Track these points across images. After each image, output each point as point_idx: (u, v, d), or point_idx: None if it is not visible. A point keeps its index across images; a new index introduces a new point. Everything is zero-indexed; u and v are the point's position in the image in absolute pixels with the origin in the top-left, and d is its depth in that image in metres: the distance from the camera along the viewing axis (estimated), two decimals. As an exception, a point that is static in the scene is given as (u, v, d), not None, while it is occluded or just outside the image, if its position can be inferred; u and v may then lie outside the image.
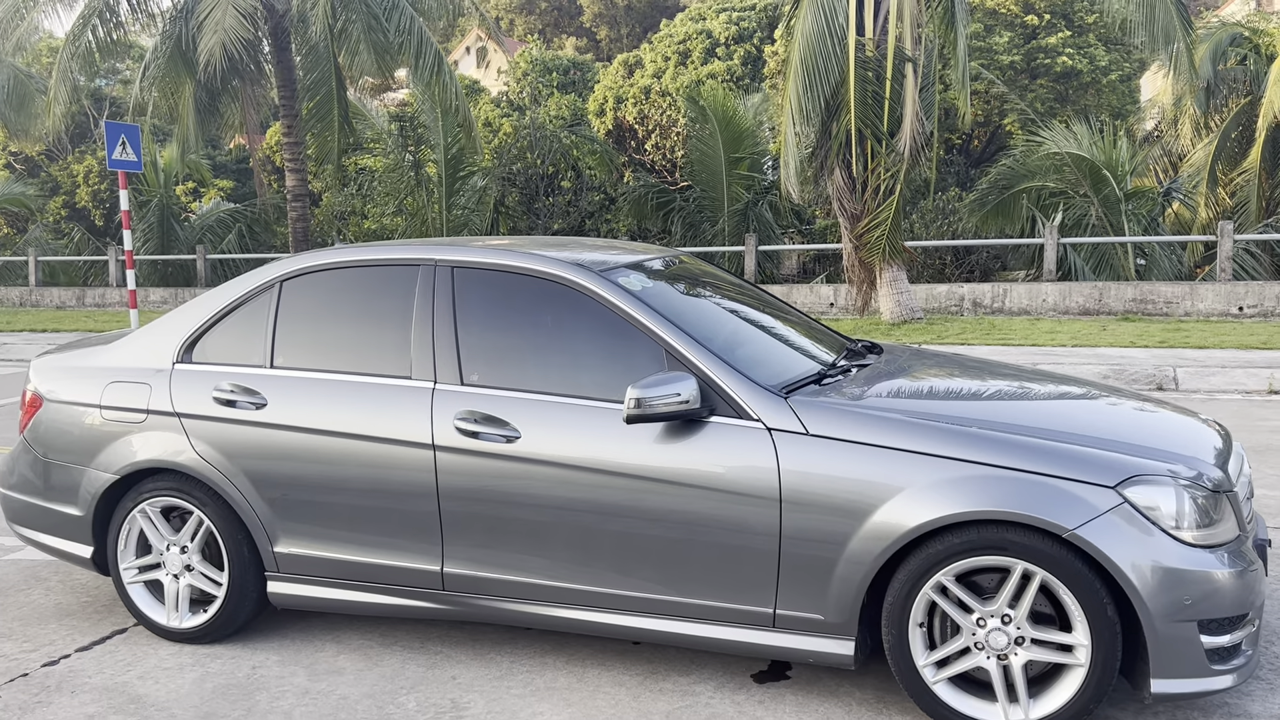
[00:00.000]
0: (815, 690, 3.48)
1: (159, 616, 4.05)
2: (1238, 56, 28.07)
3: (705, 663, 3.71)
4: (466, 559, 3.62)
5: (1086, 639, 2.98)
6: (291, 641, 4.02)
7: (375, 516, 3.71)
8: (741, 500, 3.27)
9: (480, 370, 3.65)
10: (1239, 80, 28.03)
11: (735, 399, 3.34)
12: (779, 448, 3.25)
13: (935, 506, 3.06)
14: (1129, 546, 2.93)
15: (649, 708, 3.40)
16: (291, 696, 3.56)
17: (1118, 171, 17.98)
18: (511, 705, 3.44)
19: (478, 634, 4.02)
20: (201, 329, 4.07)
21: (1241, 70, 27.94)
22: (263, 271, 4.09)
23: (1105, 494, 2.99)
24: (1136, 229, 17.54)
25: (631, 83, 29.66)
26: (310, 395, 3.80)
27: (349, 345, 3.90)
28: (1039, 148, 18.70)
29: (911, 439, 3.17)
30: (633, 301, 3.55)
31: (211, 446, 3.88)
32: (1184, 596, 2.92)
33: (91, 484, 4.06)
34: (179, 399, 3.96)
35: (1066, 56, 27.25)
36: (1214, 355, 9.76)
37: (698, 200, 19.75)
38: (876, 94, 12.14)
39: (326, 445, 3.74)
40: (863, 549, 3.14)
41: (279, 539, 3.85)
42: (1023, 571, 3.02)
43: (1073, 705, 3.01)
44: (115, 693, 3.62)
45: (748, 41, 31.34)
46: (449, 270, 3.78)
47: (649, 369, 3.46)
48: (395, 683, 3.64)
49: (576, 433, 3.47)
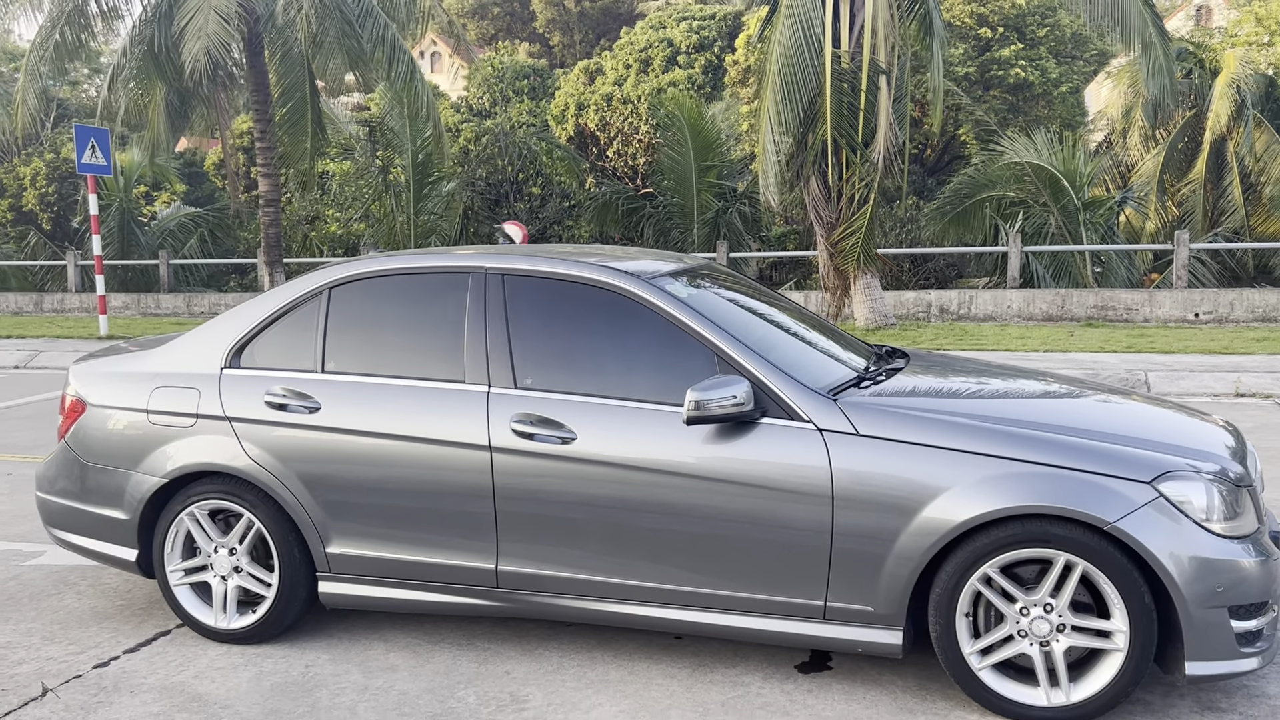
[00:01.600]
0: (859, 679, 3.65)
1: (206, 618, 4.11)
2: (1183, 70, 28.93)
3: (749, 655, 3.87)
4: (521, 557, 3.74)
5: (1125, 625, 3.18)
6: (339, 641, 4.10)
7: (430, 516, 3.82)
8: (795, 498, 3.43)
9: (533, 375, 3.78)
10: (1185, 93, 28.90)
11: (787, 401, 3.50)
12: (830, 448, 3.42)
13: (982, 502, 3.24)
14: (1165, 538, 3.14)
15: (703, 698, 3.54)
16: (352, 693, 3.65)
17: (1076, 181, 18.48)
18: (569, 698, 3.57)
19: (523, 630, 4.14)
20: (249, 335, 4.14)
21: (1187, 84, 28.79)
22: (311, 278, 4.18)
23: (1142, 489, 3.20)
24: (1094, 237, 18.05)
25: (593, 90, 29.82)
26: (364, 399, 3.90)
27: (401, 350, 4.00)
28: (999, 157, 19.18)
29: (957, 438, 3.35)
30: (682, 308, 3.71)
31: (263, 450, 3.96)
32: (1216, 584, 3.13)
33: (138, 488, 4.12)
34: (229, 403, 4.03)
35: (1019, 68, 27.88)
36: (1181, 360, 10.14)
37: (668, 207, 19.95)
38: (852, 105, 12.43)
39: (381, 448, 3.85)
40: (912, 544, 3.32)
41: (331, 540, 3.94)
42: (1065, 563, 3.21)
43: (1112, 688, 3.21)
44: (175, 692, 3.69)
45: (709, 50, 31.67)
46: (500, 277, 3.90)
47: (700, 372, 3.61)
48: (450, 678, 3.75)
49: (631, 434, 3.61)
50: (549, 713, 3.46)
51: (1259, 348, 10.83)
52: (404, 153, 21.08)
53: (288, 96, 15.71)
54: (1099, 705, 3.23)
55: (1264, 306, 14.38)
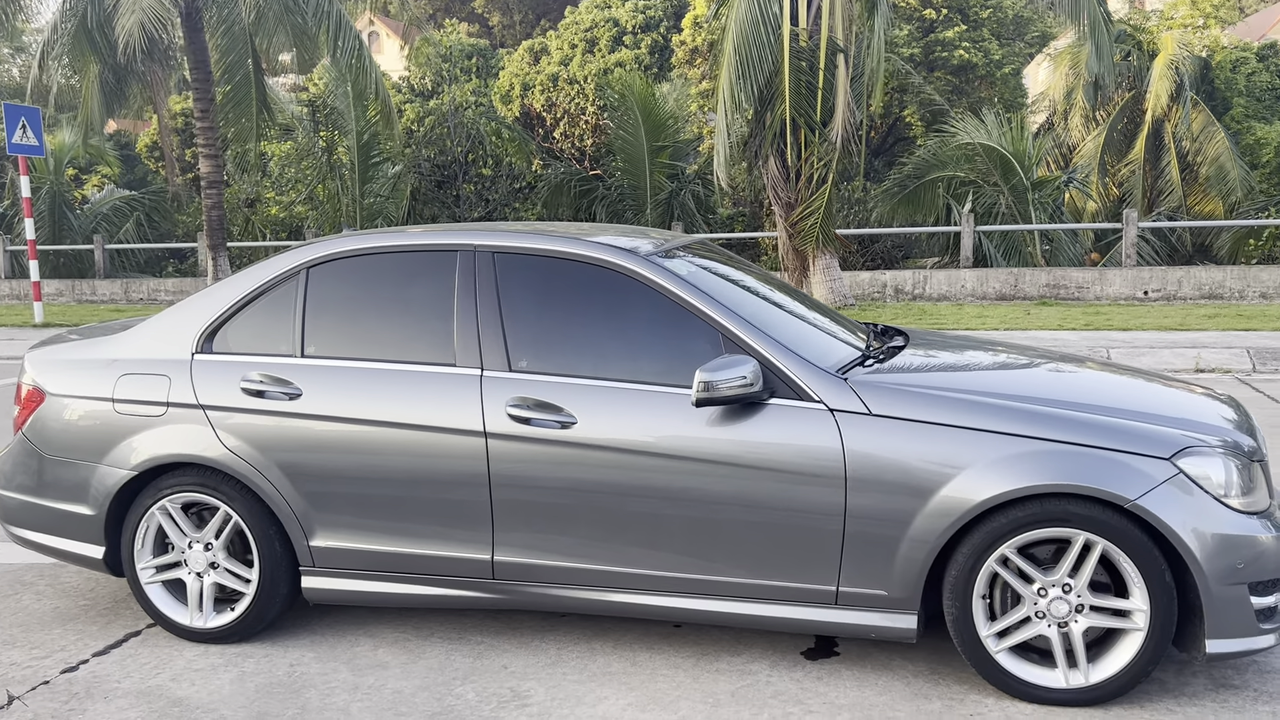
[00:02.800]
0: (868, 665, 3.57)
1: (181, 617, 3.90)
2: (1122, 52, 29.39)
3: (752, 642, 3.76)
4: (518, 546, 3.59)
5: (1145, 604, 3.12)
6: (322, 638, 3.92)
7: (421, 506, 3.65)
8: (806, 481, 3.32)
9: (528, 357, 3.62)
10: (1124, 75, 29.38)
11: (796, 381, 3.39)
12: (843, 429, 3.31)
13: (1001, 481, 3.16)
14: (1185, 515, 3.09)
15: (711, 688, 3.43)
16: (343, 693, 3.48)
17: (1025, 162, 18.66)
18: (573, 691, 3.44)
19: (517, 622, 3.99)
20: (221, 318, 3.92)
21: (1126, 66, 29.27)
22: (285, 259, 3.97)
23: (1161, 465, 3.14)
24: (1043, 217, 18.25)
25: (538, 70, 29.45)
26: (348, 385, 3.71)
27: (386, 333, 3.82)
28: (951, 138, 19.29)
29: (973, 417, 3.27)
30: (685, 286, 3.57)
31: (241, 439, 3.75)
32: (1236, 561, 3.09)
33: (104, 481, 3.89)
34: (203, 390, 3.82)
35: (963, 50, 28.07)
36: (1140, 336, 10.26)
37: (620, 188, 19.76)
38: (810, 83, 12.35)
39: (368, 435, 3.66)
40: (928, 526, 3.23)
41: (315, 532, 3.75)
42: (1084, 542, 3.15)
43: (1132, 668, 3.16)
44: (153, 696, 3.48)
45: (655, 30, 31.45)
46: (490, 256, 3.73)
47: (704, 353, 3.48)
48: (445, 674, 3.59)
49: (634, 417, 3.47)
50: (554, 708, 3.33)
51: (1211, 324, 11.00)
52: (349, 133, 20.62)
53: (231, 74, 15.20)
54: (1119, 685, 3.18)
55: (1210, 284, 14.64)
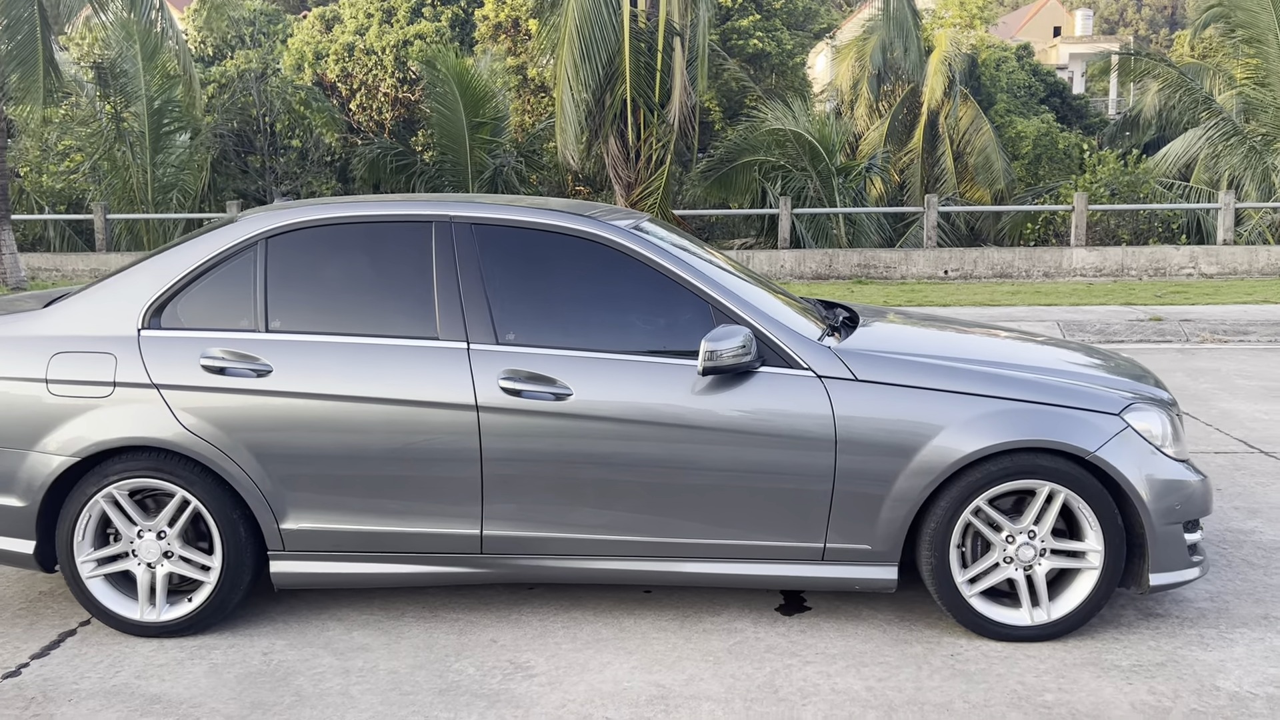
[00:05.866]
0: (842, 617, 3.79)
1: (129, 611, 3.65)
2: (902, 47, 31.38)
3: (727, 602, 3.91)
4: (508, 519, 3.58)
5: (1100, 546, 3.49)
6: (286, 624, 3.77)
7: (405, 482, 3.57)
8: (798, 445, 3.49)
9: (516, 330, 3.61)
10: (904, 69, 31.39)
11: (786, 350, 3.55)
12: (832, 394, 3.50)
13: (977, 439, 3.44)
14: (1134, 464, 3.47)
15: (706, 646, 3.56)
16: (335, 677, 3.38)
17: (830, 148, 19.66)
18: (574, 659, 3.48)
19: (488, 597, 3.97)
20: (168, 292, 3.68)
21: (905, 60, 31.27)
22: (234, 229, 3.75)
23: (1112, 420, 3.51)
24: (847, 201, 19.31)
25: (331, 38, 28.33)
26: (323, 360, 3.57)
27: (359, 307, 3.70)
28: (760, 124, 20.03)
29: (948, 380, 3.53)
30: (671, 259, 3.66)
31: (202, 419, 3.54)
32: (1174, 502, 3.50)
33: (38, 469, 3.57)
34: (155, 369, 3.57)
35: (757, 39, 29.08)
36: (960, 312, 11.10)
37: (439, 164, 19.37)
38: (649, 65, 12.57)
39: (347, 412, 3.54)
40: (911, 484, 3.47)
41: (286, 515, 3.59)
42: (1049, 492, 3.48)
43: (1088, 603, 3.52)
44: (125, 695, 3.26)
45: (455, 3, 30.87)
46: (469, 227, 3.68)
47: (692, 324, 3.59)
48: (434, 652, 3.54)
49: (628, 388, 3.54)
50: (561, 676, 3.36)
51: (1018, 300, 12.05)
52: (138, 98, 19.19)
53: (15, 29, 13.80)
54: (1076, 619, 3.54)
55: (1001, 263, 15.97)
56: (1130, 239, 18.22)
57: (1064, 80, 38.06)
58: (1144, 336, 9.89)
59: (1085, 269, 15.70)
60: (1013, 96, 33.44)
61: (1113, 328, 10.05)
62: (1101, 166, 19.66)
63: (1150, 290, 13.43)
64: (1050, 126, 30.98)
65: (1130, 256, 15.73)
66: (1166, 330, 9.95)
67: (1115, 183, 18.98)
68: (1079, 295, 12.82)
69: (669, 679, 3.33)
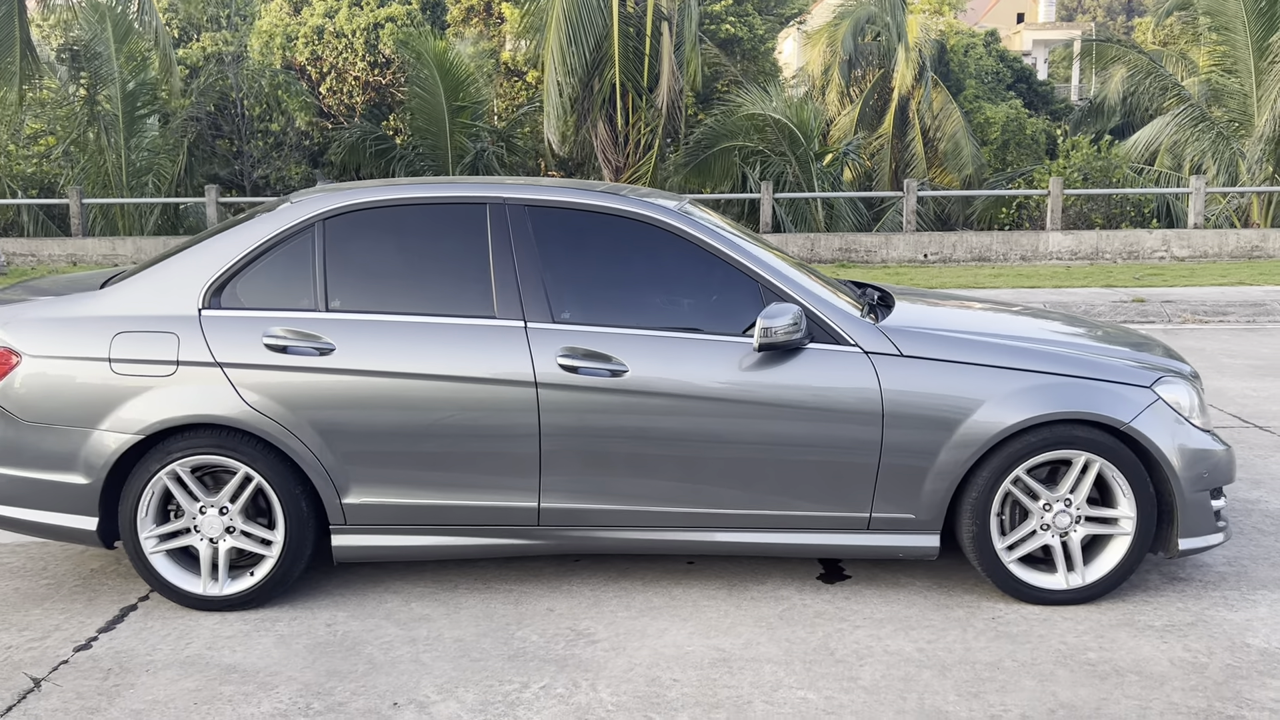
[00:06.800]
0: (881, 584, 3.94)
1: (192, 586, 3.72)
2: (873, 33, 31.60)
3: (769, 572, 4.05)
4: (565, 492, 3.69)
5: (1133, 512, 3.66)
6: (344, 598, 3.86)
7: (465, 457, 3.67)
8: (847, 419, 3.63)
9: (570, 308, 3.71)
10: (874, 55, 31.61)
11: (834, 327, 3.68)
12: (879, 370, 3.64)
13: (1019, 411, 3.60)
14: (1166, 434, 3.64)
15: (758, 613, 3.69)
16: (403, 645, 3.48)
17: (808, 134, 19.82)
18: (632, 626, 3.60)
19: (536, 569, 4.08)
20: (227, 273, 3.74)
21: (876, 45, 31.50)
22: (289, 212, 3.82)
23: (1145, 393, 3.68)
24: (826, 186, 19.50)
25: (300, 21, 28.04)
26: (384, 339, 3.66)
27: (415, 286, 3.78)
28: (737, 109, 20.15)
29: (989, 355, 3.68)
30: (720, 238, 3.78)
31: (266, 397, 3.62)
32: (1202, 470, 3.68)
33: (102, 447, 3.63)
34: (219, 348, 3.64)
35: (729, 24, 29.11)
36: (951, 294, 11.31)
37: (418, 149, 19.30)
38: (638, 49, 12.66)
39: (409, 388, 3.63)
40: (954, 456, 3.62)
41: (349, 489, 3.68)
42: (1084, 461, 3.65)
43: (1120, 568, 3.70)
44: (200, 665, 3.34)
45: (428, -15, 30.62)
46: (523, 209, 3.78)
47: (742, 302, 3.72)
48: (494, 621, 3.65)
49: (682, 364, 3.65)
50: (624, 641, 3.48)
51: (1001, 282, 12.30)
52: (110, 81, 18.94)
53: (-9, 10, 13.61)
54: (1110, 583, 3.71)
55: (979, 247, 16.24)
56: (1103, 223, 18.57)
57: (1030, 66, 38.51)
58: (1128, 318, 10.15)
59: (1061, 252, 16.01)
60: (981, 83, 33.80)
61: (1097, 309, 10.31)
62: (1075, 152, 19.99)
63: (1128, 273, 13.74)
64: (1019, 112, 31.38)
65: (1105, 240, 16.06)
66: (1149, 311, 10.22)
67: (1088, 168, 19.33)
68: (1059, 278, 13.10)
69: (727, 643, 3.47)
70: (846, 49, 31.07)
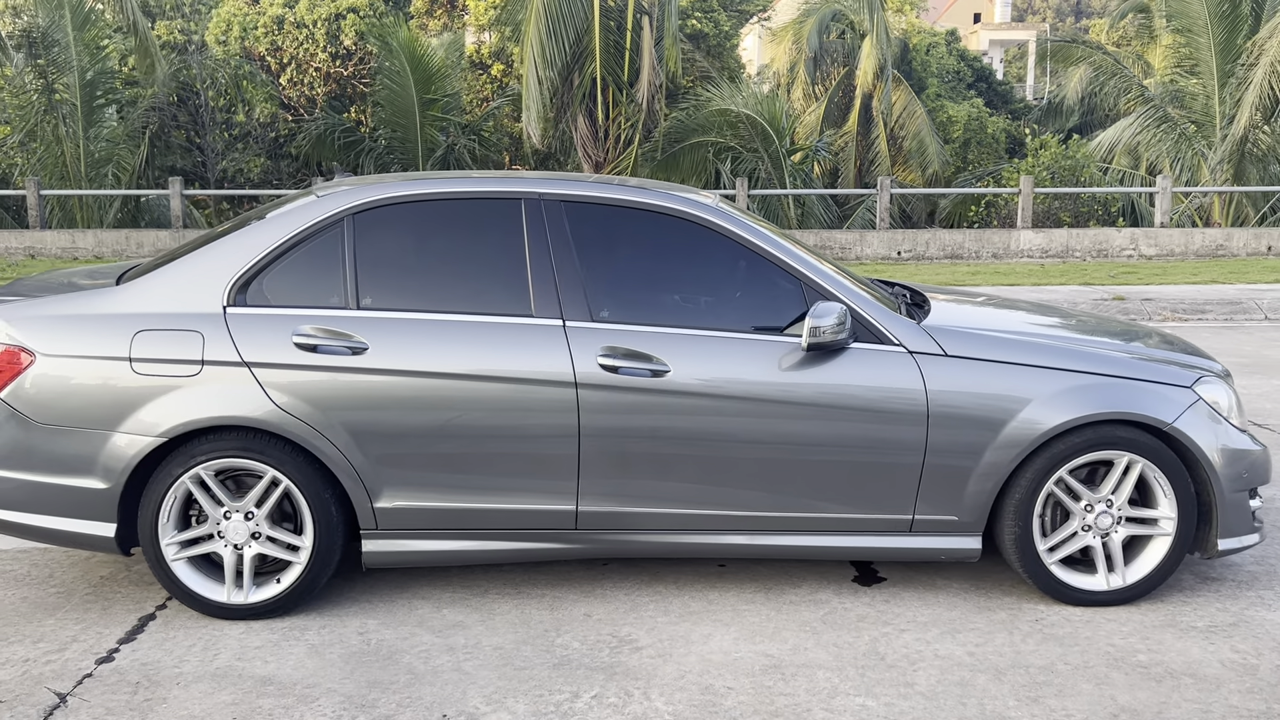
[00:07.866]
0: (917, 587, 3.90)
1: (215, 594, 3.58)
2: (838, 30, 31.73)
3: (804, 575, 3.99)
4: (604, 495, 3.60)
5: (1174, 513, 3.65)
6: (373, 605, 3.74)
7: (503, 459, 3.57)
8: (892, 419, 3.58)
9: (609, 307, 3.62)
10: (839, 52, 31.75)
11: (878, 326, 3.63)
12: (923, 369, 3.60)
13: (1064, 412, 3.57)
14: (1207, 434, 3.64)
15: (800, 617, 3.64)
16: (442, 654, 3.37)
17: (780, 130, 19.83)
18: (674, 631, 3.52)
19: (568, 572, 3.99)
20: (252, 270, 3.60)
21: (841, 43, 31.63)
22: (315, 206, 3.69)
23: (1185, 393, 3.67)
24: (798, 182, 19.53)
25: (259, 10, 27.55)
26: (419, 337, 3.54)
27: (448, 283, 3.67)
28: (706, 104, 20.10)
29: (1033, 356, 3.65)
30: (761, 235, 3.71)
31: (296, 398, 3.49)
32: (1242, 470, 3.68)
33: (122, 451, 3.48)
34: (246, 347, 3.50)
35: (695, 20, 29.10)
36: (930, 292, 11.37)
37: (388, 141, 19.03)
38: (618, 44, 12.55)
39: (446, 388, 3.52)
40: (998, 456, 3.59)
41: (381, 493, 3.56)
42: (1127, 462, 3.63)
43: (1161, 568, 3.69)
44: (233, 677, 3.21)
45: (390, -24, 30.24)
46: (559, 204, 3.68)
47: (783, 301, 3.66)
48: (533, 629, 3.56)
49: (723, 364, 3.58)
50: (669, 648, 3.41)
51: (978, 280, 12.37)
52: (69, 69, 18.46)
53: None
54: (1150, 584, 3.70)
55: (952, 245, 16.35)
56: (1071, 221, 18.80)
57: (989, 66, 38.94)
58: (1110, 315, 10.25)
59: (1033, 250, 16.16)
60: (942, 81, 34.10)
61: (1079, 307, 10.39)
62: (1044, 151, 20.20)
63: (1102, 270, 13.90)
64: (980, 111, 31.71)
65: (1075, 238, 16.24)
66: (1130, 309, 10.33)
67: (1056, 166, 19.54)
68: (1036, 276, 13.22)
69: (775, 649, 3.40)
70: (812, 46, 31.18)
